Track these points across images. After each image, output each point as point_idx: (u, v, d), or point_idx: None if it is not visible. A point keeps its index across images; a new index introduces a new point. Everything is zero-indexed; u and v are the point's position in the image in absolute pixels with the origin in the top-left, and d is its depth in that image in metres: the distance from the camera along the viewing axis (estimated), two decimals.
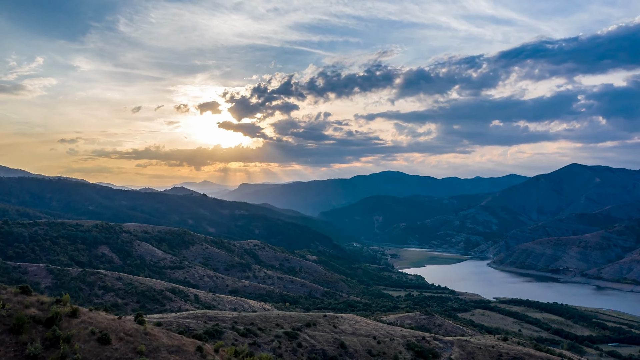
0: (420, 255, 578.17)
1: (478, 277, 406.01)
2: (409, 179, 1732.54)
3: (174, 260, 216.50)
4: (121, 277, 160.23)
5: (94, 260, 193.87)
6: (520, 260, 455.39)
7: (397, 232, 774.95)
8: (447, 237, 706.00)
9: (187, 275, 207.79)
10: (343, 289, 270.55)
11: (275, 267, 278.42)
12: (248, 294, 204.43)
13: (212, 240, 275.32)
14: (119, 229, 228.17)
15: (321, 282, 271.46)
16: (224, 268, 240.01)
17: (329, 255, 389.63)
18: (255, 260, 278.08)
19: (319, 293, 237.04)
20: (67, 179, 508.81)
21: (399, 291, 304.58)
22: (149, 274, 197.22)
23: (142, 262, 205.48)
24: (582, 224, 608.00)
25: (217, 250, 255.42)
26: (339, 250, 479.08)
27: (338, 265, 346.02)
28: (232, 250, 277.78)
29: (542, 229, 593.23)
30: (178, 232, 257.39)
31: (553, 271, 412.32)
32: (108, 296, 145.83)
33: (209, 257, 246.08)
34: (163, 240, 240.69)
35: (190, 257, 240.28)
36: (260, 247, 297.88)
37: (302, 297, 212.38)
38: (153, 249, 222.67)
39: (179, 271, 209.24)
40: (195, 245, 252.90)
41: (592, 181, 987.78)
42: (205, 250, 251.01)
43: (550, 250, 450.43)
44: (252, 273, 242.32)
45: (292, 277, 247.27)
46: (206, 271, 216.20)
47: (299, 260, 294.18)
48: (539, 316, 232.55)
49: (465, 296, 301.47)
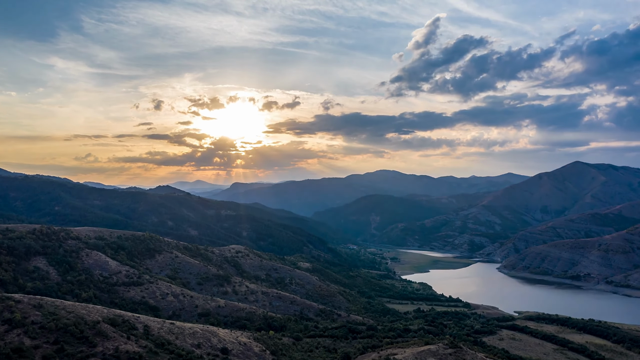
0: (422, 258, 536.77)
1: (490, 285, 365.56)
2: (405, 178, 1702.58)
3: (131, 274, 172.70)
4: (42, 304, 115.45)
5: (22, 276, 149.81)
6: (535, 265, 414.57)
7: (396, 233, 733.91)
8: (449, 239, 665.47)
9: (146, 294, 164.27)
10: (341, 304, 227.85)
11: (261, 278, 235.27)
12: (223, 318, 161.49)
13: (185, 247, 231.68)
14: (65, 235, 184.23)
15: (315, 296, 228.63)
16: (196, 282, 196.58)
17: (324, 262, 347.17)
18: (237, 270, 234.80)
19: (313, 312, 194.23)
20: (36, 177, 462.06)
21: (406, 304, 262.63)
22: (94, 293, 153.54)
23: (87, 278, 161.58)
24: (594, 224, 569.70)
25: (190, 260, 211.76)
26: (335, 254, 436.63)
27: (334, 273, 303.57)
28: (209, 258, 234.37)
29: (552, 230, 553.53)
30: (142, 238, 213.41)
31: (573, 277, 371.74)
32: (12, 335, 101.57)
33: (178, 268, 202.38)
34: (122, 248, 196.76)
35: (155, 268, 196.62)
36: (244, 254, 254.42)
37: (291, 320, 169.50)
38: (106, 259, 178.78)
39: (135, 288, 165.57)
40: (162, 253, 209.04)
41: (597, 179, 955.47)
42: (175, 259, 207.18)
43: (567, 253, 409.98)
44: (231, 287, 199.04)
45: (279, 292, 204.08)
46: (172, 287, 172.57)
47: (289, 270, 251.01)
48: (580, 339, 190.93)
49: (482, 310, 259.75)
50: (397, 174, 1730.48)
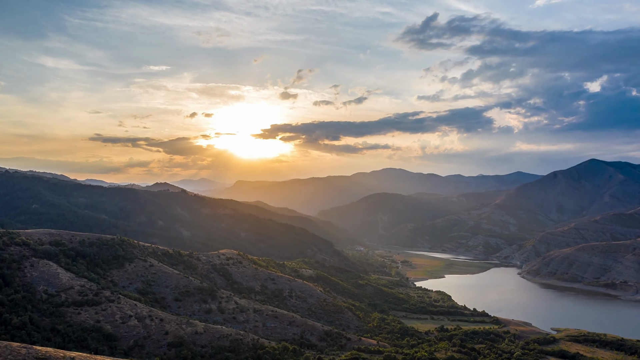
0: (435, 262, 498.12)
1: (515, 294, 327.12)
2: (412, 177, 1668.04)
3: (85, 290, 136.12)
4: None
5: None
6: (562, 271, 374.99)
7: (405, 234, 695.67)
8: (462, 240, 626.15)
9: (103, 317, 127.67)
10: (350, 322, 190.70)
11: (255, 290, 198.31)
12: (200, 349, 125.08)
13: (164, 253, 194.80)
14: (8, 240, 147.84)
15: (319, 312, 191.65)
16: (173, 298, 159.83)
17: (330, 267, 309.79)
18: (226, 281, 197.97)
19: (316, 335, 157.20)
20: (17, 172, 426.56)
21: (425, 320, 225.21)
22: (30, 317, 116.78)
23: (26, 297, 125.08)
24: (620, 225, 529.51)
25: (168, 270, 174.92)
26: (341, 258, 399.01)
27: (341, 281, 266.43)
28: (193, 267, 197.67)
29: (575, 231, 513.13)
30: (111, 243, 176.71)
31: (607, 286, 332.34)
32: None
33: (152, 280, 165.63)
34: (82, 256, 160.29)
35: (122, 281, 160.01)
36: (236, 261, 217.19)
37: (288, 351, 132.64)
38: (57, 271, 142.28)
39: (89, 309, 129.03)
40: (134, 261, 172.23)
41: (614, 178, 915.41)
42: (149, 269, 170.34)
43: (598, 258, 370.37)
44: (216, 304, 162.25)
45: (276, 310, 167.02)
46: (137, 307, 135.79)
47: (288, 280, 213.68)
48: None
49: (514, 327, 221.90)
50: (403, 172, 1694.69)
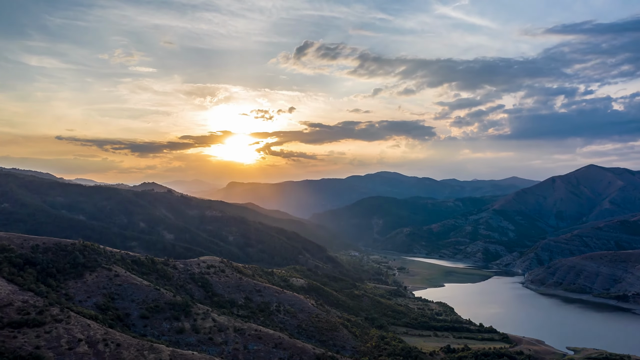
0: (433, 269, 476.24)
1: (522, 307, 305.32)
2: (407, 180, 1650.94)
3: (28, 307, 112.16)
4: None
5: None
6: (569, 281, 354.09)
7: (401, 239, 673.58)
8: (460, 246, 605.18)
9: (45, 341, 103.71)
10: (346, 342, 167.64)
11: (238, 303, 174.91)
12: None
13: (134, 261, 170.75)
14: None
15: (311, 330, 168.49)
16: (139, 314, 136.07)
17: (323, 276, 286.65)
18: (205, 292, 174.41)
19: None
20: None
21: (429, 337, 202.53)
22: None
23: None
24: (624, 233, 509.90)
25: (136, 280, 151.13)
26: (335, 264, 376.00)
27: (336, 291, 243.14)
28: (168, 276, 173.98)
29: (578, 238, 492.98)
30: (70, 249, 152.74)
31: (619, 298, 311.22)
32: None
33: (117, 292, 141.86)
34: (31, 264, 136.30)
35: (79, 294, 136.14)
36: (218, 269, 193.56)
37: None
38: None
39: (29, 332, 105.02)
40: (97, 270, 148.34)
41: (614, 184, 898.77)
42: (114, 279, 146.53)
43: (607, 268, 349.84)
44: (190, 322, 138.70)
45: (260, 329, 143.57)
46: (90, 329, 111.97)
47: (277, 291, 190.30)
48: None
49: (526, 346, 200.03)
50: (398, 175, 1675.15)
